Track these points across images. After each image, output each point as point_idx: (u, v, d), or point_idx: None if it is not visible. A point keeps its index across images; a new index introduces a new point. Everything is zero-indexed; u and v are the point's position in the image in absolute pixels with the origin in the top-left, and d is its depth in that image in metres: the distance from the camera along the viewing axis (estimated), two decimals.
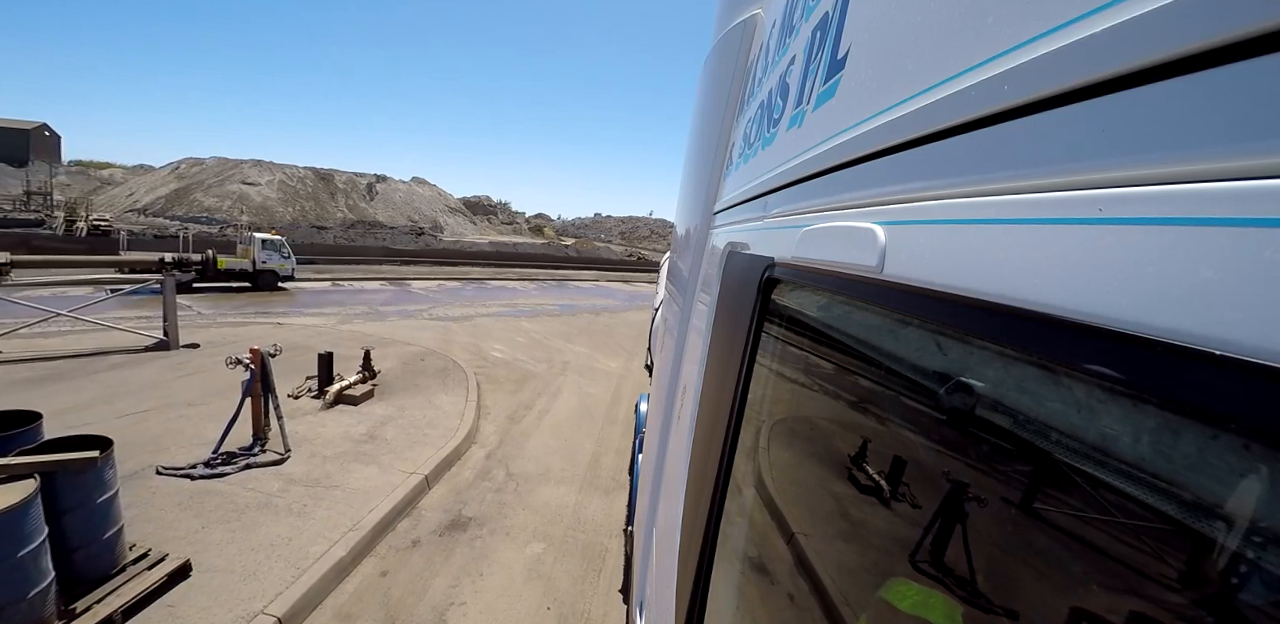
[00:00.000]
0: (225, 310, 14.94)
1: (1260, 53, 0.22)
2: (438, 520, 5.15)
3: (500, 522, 5.22)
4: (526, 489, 5.90)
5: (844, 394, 0.81)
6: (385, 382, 8.56)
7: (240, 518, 4.62)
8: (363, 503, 5.03)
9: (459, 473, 6.14)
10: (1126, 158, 0.28)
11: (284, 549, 4.24)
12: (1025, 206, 0.35)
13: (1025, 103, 0.36)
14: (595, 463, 6.75)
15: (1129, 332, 0.26)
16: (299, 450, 5.92)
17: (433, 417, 7.35)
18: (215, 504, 4.81)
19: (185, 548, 4.11)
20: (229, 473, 5.32)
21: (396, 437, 6.58)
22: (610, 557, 4.83)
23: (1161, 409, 0.27)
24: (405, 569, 4.38)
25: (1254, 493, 0.23)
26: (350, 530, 4.57)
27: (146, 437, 6.01)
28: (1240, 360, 0.21)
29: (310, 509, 4.85)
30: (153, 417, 6.61)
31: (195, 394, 7.49)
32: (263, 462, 5.58)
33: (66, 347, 9.24)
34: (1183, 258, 0.24)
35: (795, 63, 1.01)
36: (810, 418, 0.92)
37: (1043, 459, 0.38)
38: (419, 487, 5.51)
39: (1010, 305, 0.35)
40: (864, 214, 0.61)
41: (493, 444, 7.02)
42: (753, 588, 1.05)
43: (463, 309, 18.57)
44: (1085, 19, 0.31)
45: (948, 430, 0.50)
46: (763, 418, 1.07)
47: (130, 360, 8.83)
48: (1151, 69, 0.27)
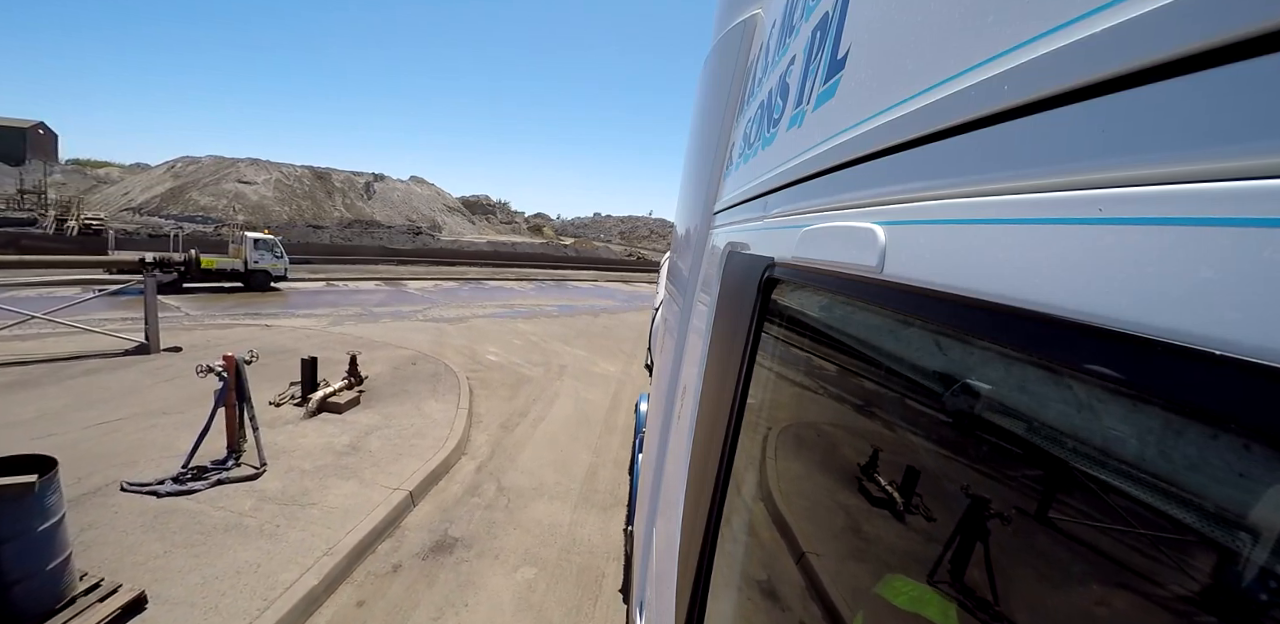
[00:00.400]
0: (214, 311, 14.59)
1: (1260, 53, 0.22)
2: (421, 542, 4.77)
3: (489, 543, 4.85)
4: (518, 506, 5.54)
5: (844, 394, 0.81)
6: (373, 388, 8.22)
7: (207, 541, 4.26)
8: (340, 523, 4.64)
9: (446, 488, 5.76)
10: (1126, 158, 0.28)
11: (251, 577, 3.88)
12: (1025, 206, 0.36)
13: (1025, 103, 0.36)
14: (592, 476, 6.37)
15: (1129, 332, 0.26)
16: (276, 463, 5.56)
17: (421, 426, 6.97)
18: (181, 525, 4.43)
19: (143, 576, 3.76)
20: (199, 489, 4.95)
21: (381, 448, 6.20)
22: (608, 582, 4.46)
23: (1161, 409, 0.27)
24: (383, 599, 4.04)
25: (1254, 493, 0.23)
26: (325, 555, 4.19)
27: (116, 448, 5.62)
28: (1240, 360, 0.21)
29: (283, 530, 4.47)
30: (125, 426, 6.21)
31: (172, 401, 7.08)
32: (236, 477, 5.20)
33: (43, 350, 8.87)
34: (1183, 258, 0.24)
35: (795, 63, 1.01)
36: (810, 418, 0.92)
37: (1042, 459, 0.38)
38: (403, 504, 5.15)
39: (1010, 305, 0.35)
40: (864, 214, 0.61)
41: (484, 455, 6.63)
42: (752, 588, 1.06)
43: (458, 310, 18.16)
44: (1085, 19, 0.31)
45: (947, 430, 0.50)
46: (762, 418, 1.07)
47: (108, 365, 8.44)
48: (1151, 69, 0.27)
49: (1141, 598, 0.31)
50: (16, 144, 54.20)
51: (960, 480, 0.48)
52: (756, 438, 1.08)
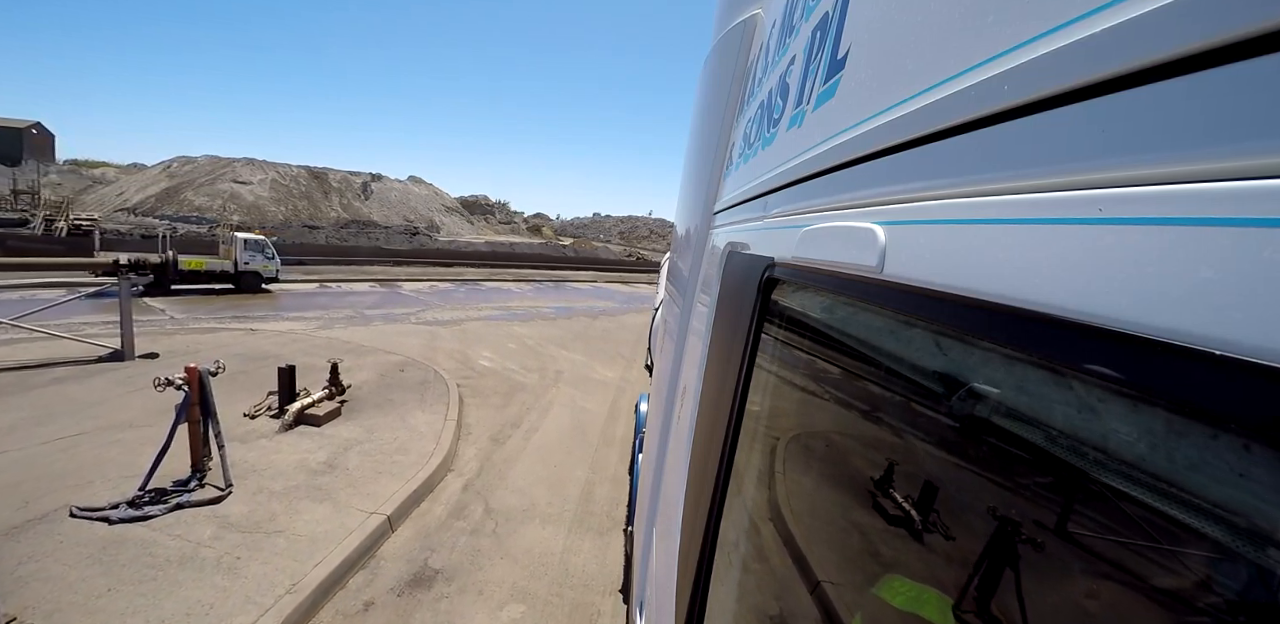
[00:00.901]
0: (199, 314, 14.10)
1: (1260, 53, 0.22)
2: (398, 574, 4.30)
3: (473, 575, 4.37)
4: (507, 530, 5.07)
5: (843, 394, 0.81)
6: (357, 397, 7.77)
7: (158, 576, 3.80)
8: (309, 554, 4.17)
9: (429, 510, 5.30)
10: (1126, 158, 0.28)
11: (201, 621, 3.45)
12: (1025, 206, 0.36)
13: (1025, 103, 0.36)
14: (587, 495, 5.89)
15: (1129, 332, 0.26)
16: (244, 484, 5.11)
17: (405, 440, 6.51)
18: (131, 557, 3.96)
19: (80, 620, 3.34)
20: (155, 515, 4.49)
21: (360, 465, 5.73)
22: (604, 620, 4.05)
23: (1162, 410, 0.27)
24: None
25: (1254, 493, 0.23)
26: (288, 593, 3.75)
27: (71, 467, 5.18)
28: (1240, 360, 0.21)
29: (244, 563, 4.01)
30: (85, 442, 5.74)
31: (139, 413, 6.56)
32: (198, 500, 4.75)
33: (12, 357, 8.40)
34: (1183, 258, 0.24)
35: (795, 63, 1.01)
36: (810, 418, 0.92)
37: (1042, 459, 0.38)
38: (379, 530, 4.68)
39: (1010, 305, 0.35)
40: (864, 214, 0.61)
41: (471, 472, 6.18)
42: (752, 587, 1.06)
43: (453, 312, 17.74)
44: (1085, 19, 0.31)
45: (947, 430, 0.50)
46: (762, 418, 1.07)
47: (77, 373, 7.97)
48: (1151, 69, 0.27)
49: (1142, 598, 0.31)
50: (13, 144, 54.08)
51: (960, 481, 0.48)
52: (756, 438, 1.08)
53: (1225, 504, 0.25)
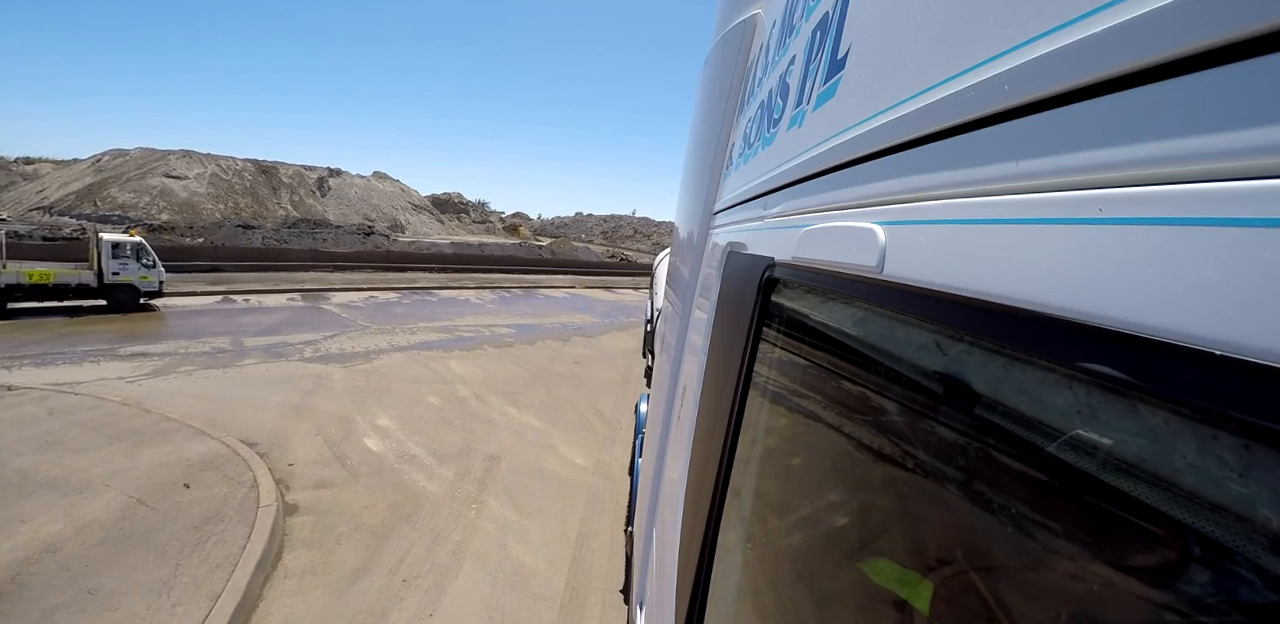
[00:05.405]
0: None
1: (1260, 53, 0.22)
2: None
3: None
4: None
5: (843, 394, 0.81)
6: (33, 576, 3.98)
7: None
8: None
9: None
10: (1126, 158, 0.28)
11: None
12: (1025, 206, 0.36)
13: (1025, 103, 0.36)
14: None
15: (1129, 332, 0.26)
16: None
17: None
18: None
19: None
20: None
21: None
22: None
23: (1161, 409, 0.27)
24: None
25: (1254, 493, 0.23)
26: None
27: None
28: (1240, 360, 0.21)
29: None
30: None
31: None
32: None
33: None
34: (1183, 258, 0.24)
35: (795, 63, 1.01)
36: (810, 418, 0.92)
37: (1042, 459, 0.38)
38: None
39: (1010, 305, 0.35)
40: (864, 214, 0.61)
41: None
42: (752, 587, 1.06)
43: (373, 338, 13.49)
44: (1085, 19, 0.31)
45: (946, 430, 0.50)
46: (762, 418, 1.07)
47: None
48: (1151, 69, 0.27)
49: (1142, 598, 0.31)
50: None
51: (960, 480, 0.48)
52: (756, 438, 1.08)
53: (1225, 504, 0.25)
